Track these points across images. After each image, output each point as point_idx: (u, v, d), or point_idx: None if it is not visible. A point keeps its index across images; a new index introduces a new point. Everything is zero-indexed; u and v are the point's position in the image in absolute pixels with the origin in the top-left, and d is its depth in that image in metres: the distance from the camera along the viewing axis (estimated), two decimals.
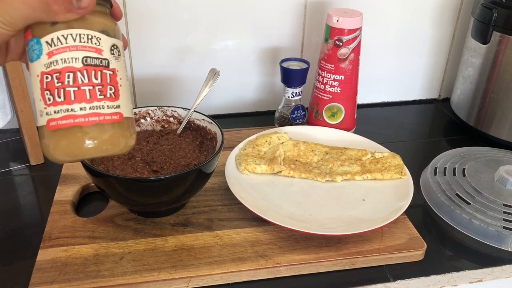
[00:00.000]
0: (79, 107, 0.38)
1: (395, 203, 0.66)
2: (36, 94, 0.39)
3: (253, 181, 0.71)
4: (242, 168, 0.72)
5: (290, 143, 0.77)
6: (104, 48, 0.39)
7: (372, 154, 0.75)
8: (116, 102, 0.40)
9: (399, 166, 0.72)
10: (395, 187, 0.70)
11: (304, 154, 0.76)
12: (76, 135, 0.38)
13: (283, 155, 0.75)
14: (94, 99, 0.39)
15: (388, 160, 0.74)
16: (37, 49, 0.38)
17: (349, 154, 0.75)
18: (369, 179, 0.72)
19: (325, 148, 0.77)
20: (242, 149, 0.76)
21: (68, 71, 0.38)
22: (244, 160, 0.72)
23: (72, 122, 0.38)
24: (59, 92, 0.38)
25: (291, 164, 0.73)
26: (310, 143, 0.77)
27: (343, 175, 0.72)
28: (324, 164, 0.74)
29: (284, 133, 0.78)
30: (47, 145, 0.39)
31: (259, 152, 0.75)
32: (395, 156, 0.75)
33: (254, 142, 0.76)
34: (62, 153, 0.39)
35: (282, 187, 0.70)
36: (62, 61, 0.38)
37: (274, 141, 0.77)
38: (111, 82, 0.40)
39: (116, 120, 0.40)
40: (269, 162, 0.72)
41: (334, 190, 0.70)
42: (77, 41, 0.38)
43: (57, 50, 0.38)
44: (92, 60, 0.39)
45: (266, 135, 0.77)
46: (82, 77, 0.38)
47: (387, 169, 0.72)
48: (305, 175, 0.72)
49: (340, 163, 0.74)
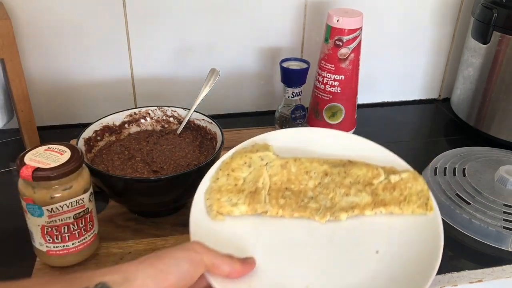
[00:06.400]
0: (71, 243, 0.55)
1: (420, 258, 0.50)
2: (36, 233, 0.54)
3: (230, 231, 0.53)
4: (213, 214, 0.53)
5: (277, 163, 0.57)
6: (85, 201, 0.55)
7: (386, 176, 0.57)
8: (94, 228, 0.58)
9: (422, 195, 0.56)
10: (419, 227, 0.54)
11: (296, 179, 0.57)
12: (68, 258, 0.56)
13: (269, 182, 0.57)
14: (81, 235, 0.56)
15: (408, 185, 0.56)
16: (38, 212, 0.52)
17: (356, 175, 0.57)
18: (383, 213, 0.55)
19: (324, 166, 0.58)
20: (213, 178, 0.56)
21: (64, 225, 0.54)
22: (216, 200, 0.54)
23: (67, 252, 0.55)
24: (57, 237, 0.54)
25: (280, 198, 0.55)
26: (304, 161, 0.58)
27: (348, 211, 0.55)
28: (323, 193, 0.56)
29: (268, 150, 0.58)
30: (43, 259, 0.57)
31: (236, 182, 0.56)
32: (417, 177, 0.57)
33: (229, 166, 0.57)
34: (55, 264, 0.57)
35: (268, 237, 0.53)
36: (60, 220, 0.53)
37: (256, 162, 0.57)
38: (90, 219, 0.56)
39: (94, 239, 0.58)
40: (250, 199, 0.54)
41: (338, 236, 0.54)
42: (70, 207, 0.53)
43: (56, 215, 0.53)
44: (79, 214, 0.54)
45: (244, 154, 0.58)
46: (73, 226, 0.54)
47: (407, 200, 0.55)
48: (299, 214, 0.55)
49: (345, 191, 0.56)
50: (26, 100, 0.74)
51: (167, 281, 0.41)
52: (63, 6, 0.80)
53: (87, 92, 0.88)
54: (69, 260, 0.56)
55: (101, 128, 0.70)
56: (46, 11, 0.80)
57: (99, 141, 0.69)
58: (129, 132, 0.73)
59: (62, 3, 0.80)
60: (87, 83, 0.87)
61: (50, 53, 0.84)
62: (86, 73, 0.87)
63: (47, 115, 0.89)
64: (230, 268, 0.45)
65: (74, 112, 0.89)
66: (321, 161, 0.58)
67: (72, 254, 0.56)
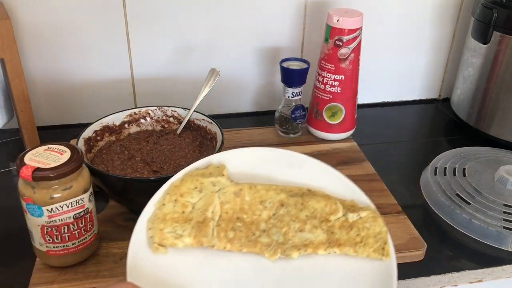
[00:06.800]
0: (71, 243, 0.55)
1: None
2: (36, 233, 0.54)
3: (171, 267, 0.49)
4: (154, 247, 0.49)
5: (230, 190, 0.52)
6: (85, 201, 0.55)
7: (344, 213, 0.52)
8: (94, 228, 0.58)
9: (380, 238, 0.50)
10: (373, 274, 0.49)
11: (250, 208, 0.52)
12: (68, 258, 0.56)
13: (219, 211, 0.52)
14: (81, 235, 0.56)
15: (366, 225, 0.51)
16: (38, 212, 0.52)
17: (313, 208, 0.52)
18: (337, 253, 0.51)
19: (280, 196, 0.52)
20: (158, 205, 0.51)
21: (64, 225, 0.54)
22: (159, 230, 0.49)
23: (67, 252, 0.56)
24: (57, 237, 0.54)
25: (229, 230, 0.51)
26: (259, 188, 0.52)
27: (301, 249, 0.50)
28: (276, 225, 0.51)
29: (222, 175, 0.52)
30: (43, 259, 0.57)
31: (184, 210, 0.51)
32: (376, 218, 0.51)
33: (178, 190, 0.51)
34: (55, 264, 0.57)
35: (212, 276, 0.49)
36: (59, 220, 0.53)
37: (207, 187, 0.52)
38: (90, 219, 0.56)
39: (94, 239, 0.58)
40: (196, 231, 0.50)
41: (287, 279, 0.50)
42: (70, 207, 0.53)
43: (56, 215, 0.53)
44: (79, 214, 0.55)
45: (196, 178, 0.52)
46: (73, 226, 0.54)
47: (363, 242, 0.51)
48: (248, 249, 0.50)
49: (299, 226, 0.51)
50: (26, 100, 0.74)
51: None
52: (63, 6, 0.80)
53: (87, 92, 0.88)
54: (69, 260, 0.56)
55: (101, 128, 0.70)
56: (46, 11, 0.80)
57: (99, 141, 0.70)
58: (129, 132, 0.73)
59: (62, 3, 0.80)
60: (87, 83, 0.88)
61: (50, 53, 0.84)
62: (86, 73, 0.87)
63: (47, 115, 0.89)
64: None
65: (74, 112, 0.89)
66: (278, 189, 0.53)
67: (72, 254, 0.56)
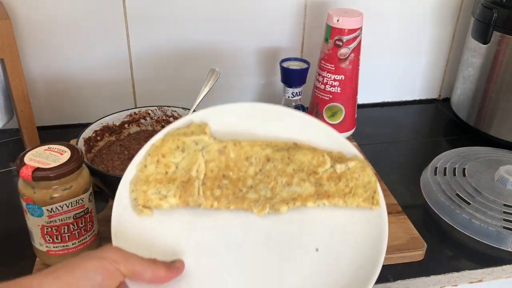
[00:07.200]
0: (71, 243, 0.55)
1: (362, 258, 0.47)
2: (36, 233, 0.54)
3: (158, 229, 0.48)
4: (139, 209, 0.48)
5: (214, 148, 0.50)
6: (85, 201, 0.55)
7: (332, 164, 0.51)
8: (94, 228, 0.58)
9: (370, 187, 0.50)
10: (363, 222, 0.50)
11: (235, 166, 0.50)
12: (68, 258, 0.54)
13: (204, 170, 0.50)
14: (81, 235, 0.56)
15: (355, 176, 0.50)
16: (38, 212, 0.52)
17: (300, 162, 0.50)
18: (327, 205, 0.50)
19: (266, 151, 0.50)
20: (140, 166, 0.49)
21: (63, 225, 0.54)
22: (142, 192, 0.48)
23: (67, 252, 0.56)
24: (57, 237, 0.54)
25: (215, 189, 0.49)
26: (244, 145, 0.50)
27: (289, 203, 0.50)
28: (263, 181, 0.50)
29: (204, 133, 0.50)
30: (43, 259, 0.57)
31: (167, 170, 0.49)
32: (365, 167, 0.50)
33: (159, 150, 0.49)
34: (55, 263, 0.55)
35: (200, 235, 0.49)
36: (59, 220, 0.53)
37: (190, 146, 0.50)
38: (90, 219, 0.56)
39: (94, 239, 0.58)
40: (181, 191, 0.48)
41: (276, 233, 0.49)
42: (70, 207, 0.53)
43: (56, 215, 0.53)
44: (79, 214, 0.55)
45: (177, 136, 0.50)
46: (73, 226, 0.55)
47: (352, 192, 0.50)
48: (236, 206, 0.49)
49: (287, 180, 0.50)
50: (26, 100, 0.73)
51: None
52: (63, 6, 0.80)
53: (87, 92, 0.88)
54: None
55: (101, 128, 0.70)
56: (46, 11, 0.80)
57: (99, 141, 0.69)
58: (129, 132, 0.73)
59: (62, 3, 0.80)
60: (87, 83, 0.87)
61: (50, 53, 0.84)
62: (86, 73, 0.87)
63: (47, 115, 0.89)
64: (153, 275, 0.42)
65: (74, 112, 0.89)
66: (264, 144, 0.51)
67: (72, 254, 0.56)
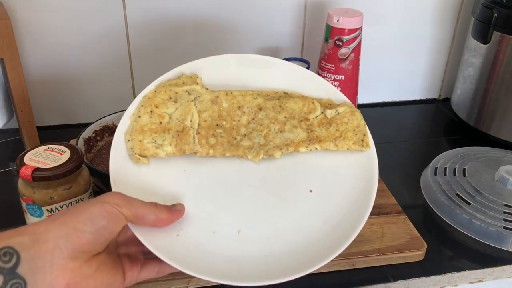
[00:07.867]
0: None
1: (354, 197, 0.50)
2: None
3: (156, 176, 0.49)
4: (136, 158, 0.49)
5: (207, 98, 0.52)
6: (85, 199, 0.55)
7: (322, 111, 0.54)
8: None
9: (359, 130, 0.54)
10: (354, 164, 0.53)
11: (228, 115, 0.52)
12: None
13: (198, 120, 0.52)
14: None
15: (345, 120, 0.54)
16: (38, 212, 0.52)
17: (291, 109, 0.53)
18: (319, 150, 0.53)
19: (258, 100, 0.53)
20: (134, 117, 0.50)
21: None
22: (138, 141, 0.49)
23: None
24: None
25: (210, 137, 0.51)
26: (236, 94, 0.53)
27: (283, 148, 0.52)
28: (256, 129, 0.52)
29: (196, 83, 0.52)
30: None
31: (161, 120, 0.50)
32: (354, 112, 0.55)
33: (152, 101, 0.50)
34: None
35: (197, 180, 0.51)
36: None
37: (183, 97, 0.51)
38: None
39: None
40: (177, 139, 0.50)
41: (271, 176, 0.52)
42: (69, 206, 0.53)
43: None
44: None
45: (169, 87, 0.51)
46: None
47: (343, 136, 0.53)
48: (231, 153, 0.51)
49: (279, 127, 0.53)
50: (26, 100, 0.73)
51: (82, 240, 0.37)
52: (63, 6, 0.80)
53: (87, 92, 0.88)
54: None
55: (101, 128, 0.70)
56: (46, 11, 0.80)
57: (99, 141, 0.69)
58: None
59: (62, 3, 0.80)
60: (87, 83, 0.87)
61: (50, 53, 0.84)
62: (86, 73, 0.87)
63: (47, 115, 0.89)
64: (155, 218, 0.43)
65: (74, 112, 0.89)
66: (255, 94, 0.54)
67: None
